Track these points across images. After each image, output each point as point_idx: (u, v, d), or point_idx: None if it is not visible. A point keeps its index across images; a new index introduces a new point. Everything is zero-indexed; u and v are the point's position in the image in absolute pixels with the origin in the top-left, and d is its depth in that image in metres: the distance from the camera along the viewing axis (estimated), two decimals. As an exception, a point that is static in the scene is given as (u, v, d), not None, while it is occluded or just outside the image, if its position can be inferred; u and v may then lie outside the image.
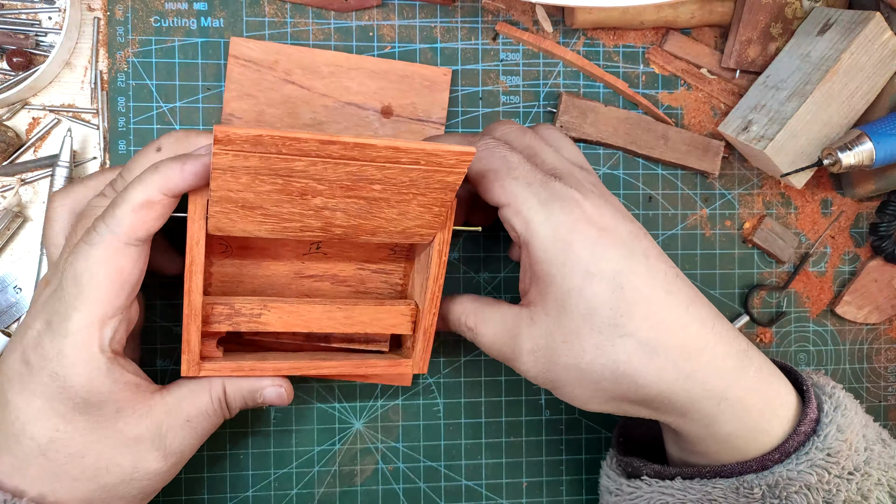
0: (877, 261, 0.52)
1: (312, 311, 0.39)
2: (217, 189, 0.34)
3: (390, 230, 0.38)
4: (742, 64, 0.49)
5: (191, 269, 0.36)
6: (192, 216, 0.36)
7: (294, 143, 0.32)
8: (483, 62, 0.48)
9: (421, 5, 0.47)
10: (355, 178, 0.34)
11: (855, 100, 0.46)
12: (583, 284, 0.35)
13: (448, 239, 0.39)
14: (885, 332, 0.53)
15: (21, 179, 0.44)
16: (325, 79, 0.45)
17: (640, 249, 0.36)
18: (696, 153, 0.49)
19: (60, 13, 0.44)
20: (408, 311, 0.41)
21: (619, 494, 0.41)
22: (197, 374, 0.38)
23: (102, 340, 0.35)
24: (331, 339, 0.43)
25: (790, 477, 0.36)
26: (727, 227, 0.51)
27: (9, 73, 0.43)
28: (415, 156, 0.33)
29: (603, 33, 0.49)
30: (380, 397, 0.48)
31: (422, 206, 0.36)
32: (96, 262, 0.34)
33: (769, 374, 0.38)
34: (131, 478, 0.36)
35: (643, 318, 0.35)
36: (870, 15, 0.44)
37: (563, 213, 0.36)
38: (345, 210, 0.36)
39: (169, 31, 0.45)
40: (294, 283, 0.42)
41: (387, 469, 0.48)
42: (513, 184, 0.37)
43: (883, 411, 0.53)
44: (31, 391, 0.34)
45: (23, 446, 0.34)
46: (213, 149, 0.32)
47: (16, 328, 0.37)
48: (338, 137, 0.32)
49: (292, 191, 0.34)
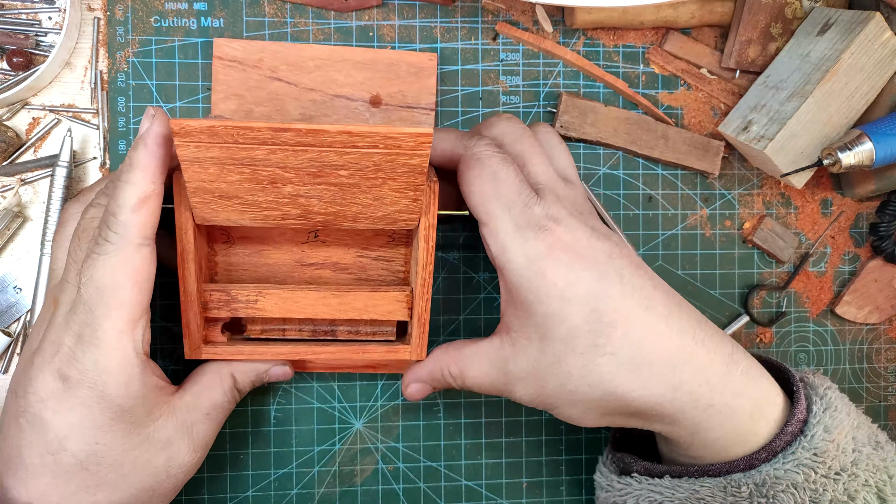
0: (877, 261, 0.52)
1: (307, 297, 0.40)
2: (190, 180, 0.35)
3: (370, 216, 0.38)
4: (742, 64, 0.49)
5: (183, 257, 0.38)
6: (178, 206, 0.37)
7: (248, 132, 0.33)
8: (483, 62, 0.48)
9: (421, 5, 0.47)
10: (319, 164, 0.35)
11: (855, 100, 0.46)
12: (560, 309, 0.36)
13: (433, 224, 0.39)
14: (885, 332, 0.53)
15: (21, 179, 0.44)
16: (311, 73, 0.45)
17: (614, 269, 0.36)
18: (696, 153, 0.49)
19: (60, 13, 0.44)
20: (403, 297, 0.41)
21: (609, 490, 0.41)
22: (199, 356, 0.40)
23: (136, 343, 0.35)
24: (337, 333, 0.43)
25: (777, 476, 0.36)
26: (727, 227, 0.51)
27: (9, 73, 0.43)
28: (371, 139, 0.34)
29: (603, 33, 0.49)
30: (380, 397, 0.48)
31: (395, 191, 0.37)
32: (115, 269, 0.34)
33: (756, 375, 0.39)
34: (167, 475, 0.38)
35: (623, 337, 0.36)
36: (870, 15, 0.44)
37: (538, 241, 0.36)
38: (319, 197, 0.36)
39: (169, 31, 0.45)
40: (296, 271, 0.43)
41: (387, 469, 0.48)
42: (494, 204, 0.37)
43: (883, 411, 0.53)
44: (70, 407, 0.35)
45: (62, 464, 0.35)
46: (175, 141, 0.33)
47: (26, 353, 0.37)
48: (290, 125, 0.33)
49: (262, 179, 0.35)
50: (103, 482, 0.35)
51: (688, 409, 0.37)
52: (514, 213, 0.37)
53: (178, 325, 0.46)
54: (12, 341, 0.44)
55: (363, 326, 0.43)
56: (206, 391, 0.40)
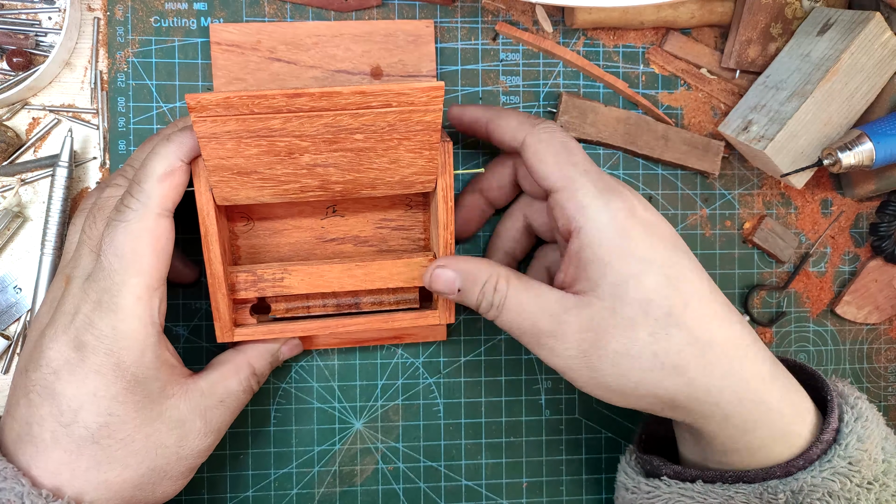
0: (877, 261, 0.52)
1: (332, 270, 0.41)
2: (209, 158, 0.36)
3: (388, 181, 0.39)
4: (742, 64, 0.49)
5: (206, 240, 0.39)
6: (198, 189, 0.38)
7: (262, 101, 0.33)
8: (483, 62, 0.48)
9: (421, 5, 0.47)
10: (334, 129, 0.35)
11: (855, 100, 0.46)
12: (640, 272, 0.36)
13: (451, 184, 0.40)
14: (885, 332, 0.53)
15: (21, 179, 0.44)
16: (309, 50, 0.45)
17: (683, 247, 0.38)
18: (696, 153, 0.49)
19: (60, 13, 0.44)
20: (426, 262, 0.41)
21: (636, 492, 0.41)
22: (231, 339, 0.41)
23: (153, 311, 0.36)
24: (361, 305, 0.44)
25: (814, 483, 0.36)
26: (727, 227, 0.51)
27: (9, 73, 0.43)
28: (384, 98, 0.34)
29: (603, 33, 0.49)
30: (380, 397, 0.48)
31: (411, 152, 0.37)
32: (136, 235, 0.35)
33: (794, 381, 0.39)
34: (178, 457, 0.38)
35: (695, 311, 0.36)
36: (870, 15, 0.44)
37: (620, 203, 0.37)
38: (336, 165, 0.37)
39: (169, 31, 0.45)
40: (318, 248, 0.44)
41: (387, 469, 0.48)
42: (571, 169, 0.38)
43: (883, 411, 0.53)
44: (83, 375, 0.35)
45: (74, 437, 0.35)
46: (192, 117, 0.33)
47: (34, 331, 0.37)
48: (304, 89, 0.33)
49: (279, 151, 0.36)
50: (114, 459, 0.35)
51: (742, 401, 0.36)
52: (592, 177, 0.37)
53: (179, 325, 0.46)
54: (11, 343, 0.44)
55: (386, 296, 0.44)
56: (221, 380, 0.40)
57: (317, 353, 0.47)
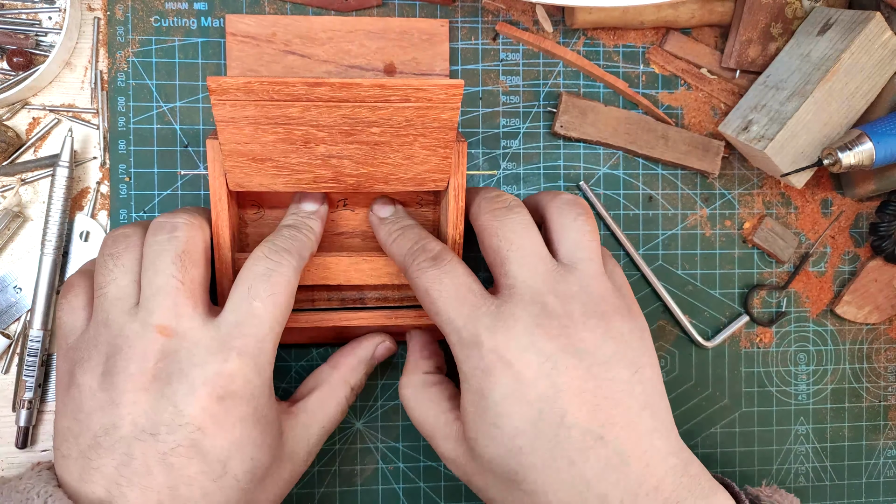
0: (877, 261, 0.52)
1: (339, 263, 0.41)
2: (225, 142, 0.36)
3: (401, 177, 0.39)
4: (742, 64, 0.49)
5: (217, 224, 0.39)
6: (212, 174, 0.38)
7: (283, 88, 0.33)
8: (483, 62, 0.48)
9: (421, 5, 0.47)
10: (351, 121, 0.35)
11: (855, 100, 0.46)
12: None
13: (463, 184, 0.40)
14: (885, 332, 0.53)
15: (21, 179, 0.44)
16: (324, 45, 0.45)
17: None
18: (696, 153, 0.49)
19: (60, 13, 0.44)
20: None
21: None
22: None
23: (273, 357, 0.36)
24: (366, 301, 0.44)
25: None
26: (727, 227, 0.51)
27: (9, 73, 0.43)
28: (403, 92, 0.34)
29: (603, 33, 0.49)
30: (380, 397, 0.48)
31: (426, 149, 0.37)
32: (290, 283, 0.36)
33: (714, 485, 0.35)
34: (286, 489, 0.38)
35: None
36: (870, 15, 0.44)
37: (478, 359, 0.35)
38: (350, 157, 0.37)
39: (169, 31, 0.45)
40: (326, 240, 0.44)
41: (387, 469, 0.48)
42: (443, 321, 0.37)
43: (883, 411, 0.53)
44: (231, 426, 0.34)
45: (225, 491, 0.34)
46: (211, 100, 0.34)
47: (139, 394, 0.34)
48: (324, 79, 0.33)
49: (295, 139, 0.36)
50: (251, 502, 0.36)
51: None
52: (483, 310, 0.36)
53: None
54: (11, 343, 0.44)
55: (391, 292, 0.44)
56: (320, 406, 0.40)
57: (317, 353, 0.47)
